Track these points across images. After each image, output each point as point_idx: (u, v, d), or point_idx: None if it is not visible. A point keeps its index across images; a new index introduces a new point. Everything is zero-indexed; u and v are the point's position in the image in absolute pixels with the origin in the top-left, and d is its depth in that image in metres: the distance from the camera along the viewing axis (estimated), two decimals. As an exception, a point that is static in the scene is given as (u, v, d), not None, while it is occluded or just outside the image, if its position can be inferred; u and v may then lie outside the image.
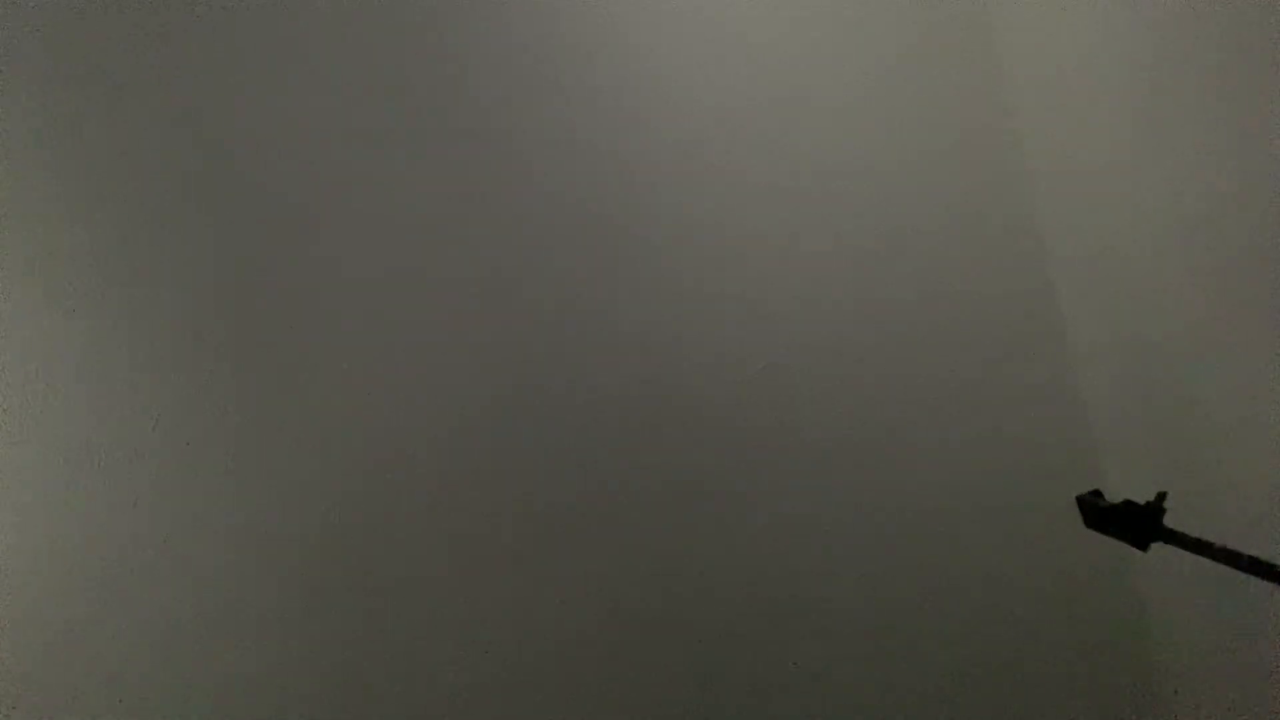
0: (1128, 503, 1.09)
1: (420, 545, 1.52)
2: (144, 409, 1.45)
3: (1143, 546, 1.08)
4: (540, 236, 1.60)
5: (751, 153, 1.67)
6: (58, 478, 1.42)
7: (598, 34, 1.63)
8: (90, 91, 1.46)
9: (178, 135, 1.49)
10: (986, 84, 1.75)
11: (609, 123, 1.63)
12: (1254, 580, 0.94)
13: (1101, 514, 1.13)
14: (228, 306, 1.49)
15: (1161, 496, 1.06)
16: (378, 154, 1.55)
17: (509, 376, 1.57)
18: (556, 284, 1.60)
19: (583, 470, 1.58)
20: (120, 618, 1.43)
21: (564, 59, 1.62)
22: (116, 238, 1.46)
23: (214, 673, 1.45)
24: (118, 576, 1.43)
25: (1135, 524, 1.07)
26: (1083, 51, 1.53)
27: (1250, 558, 0.94)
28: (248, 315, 1.49)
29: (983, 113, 1.75)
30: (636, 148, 1.64)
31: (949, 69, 1.74)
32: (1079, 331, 1.74)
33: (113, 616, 1.42)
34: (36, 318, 1.43)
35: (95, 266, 1.45)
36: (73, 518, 1.42)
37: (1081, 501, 1.17)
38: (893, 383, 1.71)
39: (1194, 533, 1.02)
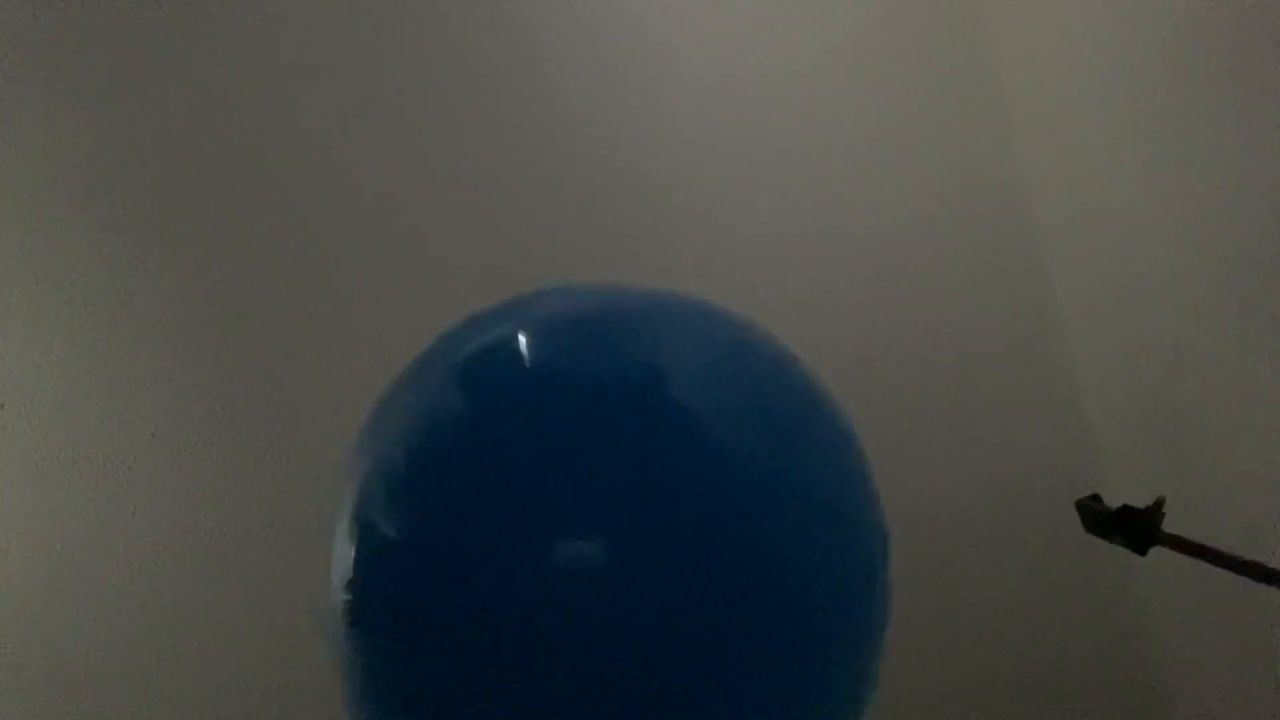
0: (1126, 508, 1.09)
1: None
2: (143, 417, 1.45)
3: (1142, 551, 1.08)
4: (541, 243, 1.60)
5: (749, 152, 1.68)
6: (55, 486, 1.41)
7: (603, 51, 1.64)
8: (91, 94, 1.46)
9: (178, 138, 1.49)
10: (985, 92, 1.76)
11: (614, 140, 1.64)
12: (1253, 584, 0.94)
13: (1100, 519, 1.13)
14: (228, 313, 1.49)
15: (1160, 501, 1.06)
16: (378, 155, 1.55)
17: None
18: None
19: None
20: (120, 626, 1.42)
21: (565, 73, 1.63)
22: (117, 241, 1.46)
23: (217, 678, 1.44)
24: (116, 585, 1.42)
25: (1134, 529, 1.07)
26: (1081, 55, 1.54)
27: (1249, 562, 0.94)
28: (249, 322, 1.49)
29: (980, 120, 1.76)
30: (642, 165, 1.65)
31: (940, 50, 1.75)
32: (1079, 336, 1.74)
33: (112, 624, 1.42)
34: (35, 325, 1.42)
35: (95, 272, 1.45)
36: (70, 526, 1.41)
37: (1080, 506, 1.17)
38: (890, 389, 1.71)
39: (1193, 537, 1.02)
